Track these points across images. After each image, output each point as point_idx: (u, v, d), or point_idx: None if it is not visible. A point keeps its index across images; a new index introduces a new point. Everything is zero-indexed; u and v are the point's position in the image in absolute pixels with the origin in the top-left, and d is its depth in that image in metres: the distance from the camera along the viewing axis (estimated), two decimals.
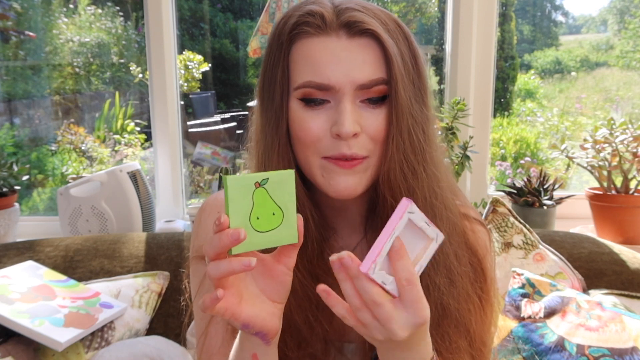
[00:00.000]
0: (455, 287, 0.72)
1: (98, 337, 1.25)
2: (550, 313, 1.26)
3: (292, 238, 0.58)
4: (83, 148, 3.17)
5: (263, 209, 0.56)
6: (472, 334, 0.72)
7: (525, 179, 1.79)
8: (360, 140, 0.67)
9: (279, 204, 0.57)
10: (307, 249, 0.73)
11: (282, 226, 0.57)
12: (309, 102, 0.68)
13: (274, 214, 0.57)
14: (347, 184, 0.69)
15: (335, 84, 0.66)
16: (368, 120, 0.68)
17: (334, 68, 0.66)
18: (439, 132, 0.80)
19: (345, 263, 0.56)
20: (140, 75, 3.28)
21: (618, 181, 1.72)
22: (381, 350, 0.61)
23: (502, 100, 4.39)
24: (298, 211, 0.60)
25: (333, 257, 0.56)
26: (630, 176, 1.68)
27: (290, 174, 0.57)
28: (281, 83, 0.70)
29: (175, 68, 1.98)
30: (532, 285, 1.33)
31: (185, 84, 3.49)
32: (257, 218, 0.56)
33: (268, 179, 0.56)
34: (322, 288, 0.57)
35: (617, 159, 1.67)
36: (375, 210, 0.76)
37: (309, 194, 0.74)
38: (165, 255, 1.49)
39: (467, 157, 1.70)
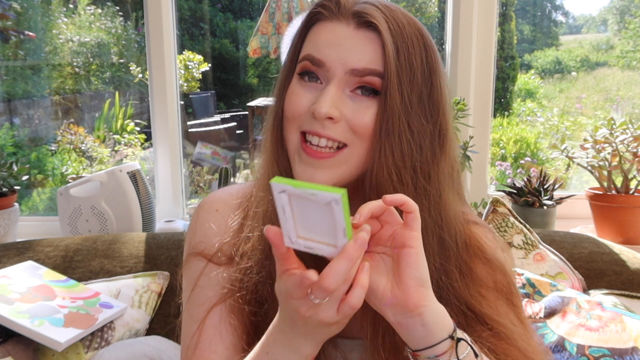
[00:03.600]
0: (485, 308, 0.71)
1: (98, 337, 1.24)
2: (550, 313, 1.26)
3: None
4: (83, 148, 3.17)
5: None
6: (518, 343, 0.71)
7: (525, 179, 1.79)
8: (338, 126, 0.67)
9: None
10: None
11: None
12: (304, 75, 0.70)
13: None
14: (312, 177, 0.68)
15: (328, 62, 0.67)
16: (351, 109, 0.67)
17: (332, 48, 0.67)
18: (456, 159, 0.77)
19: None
20: (140, 75, 3.28)
21: (618, 181, 1.72)
22: (405, 328, 0.60)
23: (502, 100, 4.39)
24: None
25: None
26: (630, 176, 1.68)
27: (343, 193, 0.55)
28: (291, 60, 0.73)
29: (175, 68, 1.98)
30: (532, 285, 1.33)
31: (185, 84, 3.49)
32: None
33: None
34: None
35: (617, 159, 1.67)
36: None
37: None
38: (165, 255, 1.49)
39: (467, 157, 1.70)
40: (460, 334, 0.61)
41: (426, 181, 0.69)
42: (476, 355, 0.61)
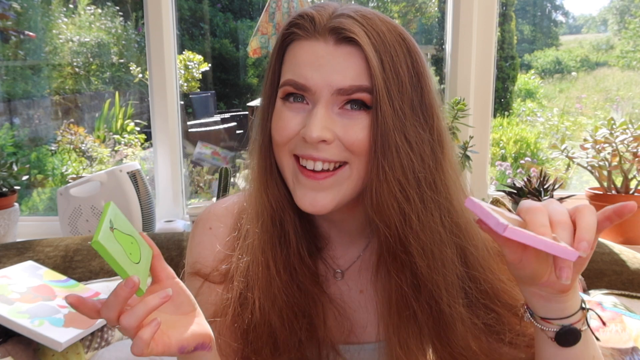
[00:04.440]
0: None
1: (98, 337, 1.24)
2: None
3: (149, 251, 0.64)
4: (83, 148, 3.17)
5: (126, 244, 0.60)
6: None
7: (526, 179, 1.79)
8: (332, 147, 0.65)
9: (128, 233, 0.61)
10: (289, 258, 0.72)
11: (141, 247, 0.62)
12: (288, 97, 0.67)
13: (132, 243, 0.61)
14: (314, 200, 0.66)
15: (313, 85, 0.64)
16: (342, 127, 0.65)
17: (314, 70, 0.64)
18: (455, 161, 0.76)
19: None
20: (140, 75, 3.28)
21: (618, 181, 1.72)
22: (545, 300, 0.61)
23: (502, 100, 4.39)
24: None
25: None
26: (630, 176, 1.68)
27: (108, 204, 0.60)
28: (271, 83, 0.71)
29: (175, 68, 1.98)
30: None
31: (185, 84, 3.49)
32: (130, 254, 0.60)
33: (111, 219, 0.59)
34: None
35: (617, 159, 1.67)
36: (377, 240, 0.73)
37: (293, 201, 0.71)
38: (165, 255, 1.49)
39: (467, 157, 1.70)
40: (587, 304, 0.63)
41: (433, 191, 0.66)
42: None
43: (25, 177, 1.84)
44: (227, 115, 4.47)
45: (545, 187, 1.76)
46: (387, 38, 0.65)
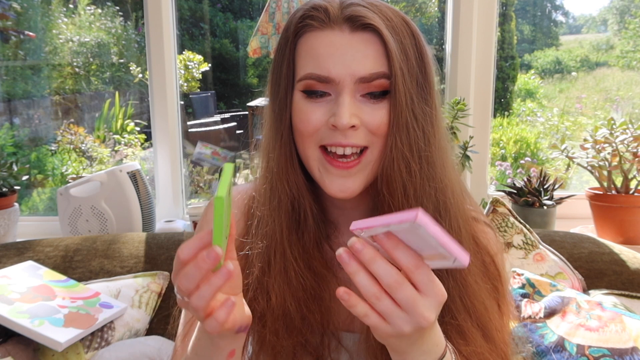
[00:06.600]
0: (468, 284, 0.72)
1: (98, 337, 1.24)
2: (550, 313, 1.26)
3: (228, 228, 0.59)
4: (83, 148, 3.17)
5: (227, 214, 0.56)
6: (491, 331, 0.72)
7: (526, 179, 1.79)
8: (359, 133, 0.68)
9: (229, 204, 0.58)
10: (304, 241, 0.74)
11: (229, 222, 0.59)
12: (310, 94, 0.69)
13: (228, 216, 0.58)
14: (344, 186, 0.69)
15: (336, 76, 0.67)
16: (368, 114, 0.68)
17: (335, 61, 0.67)
18: (447, 133, 0.79)
19: (356, 248, 0.53)
20: (140, 75, 3.28)
21: (618, 181, 1.72)
22: (395, 347, 0.58)
23: (502, 100, 4.39)
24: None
25: (339, 252, 0.54)
26: (630, 176, 1.68)
27: (230, 166, 0.56)
28: (286, 76, 0.72)
29: (175, 68, 1.98)
30: (532, 285, 1.33)
31: (185, 84, 3.49)
32: (226, 226, 0.56)
33: (228, 183, 0.55)
34: (342, 291, 0.54)
35: (617, 159, 1.67)
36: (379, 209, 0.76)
37: (311, 187, 0.75)
38: (165, 255, 1.49)
39: (467, 157, 1.70)
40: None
41: (429, 165, 0.70)
42: None
43: (25, 177, 1.84)
44: (227, 115, 4.47)
45: (545, 187, 1.76)
46: (395, 22, 0.69)
